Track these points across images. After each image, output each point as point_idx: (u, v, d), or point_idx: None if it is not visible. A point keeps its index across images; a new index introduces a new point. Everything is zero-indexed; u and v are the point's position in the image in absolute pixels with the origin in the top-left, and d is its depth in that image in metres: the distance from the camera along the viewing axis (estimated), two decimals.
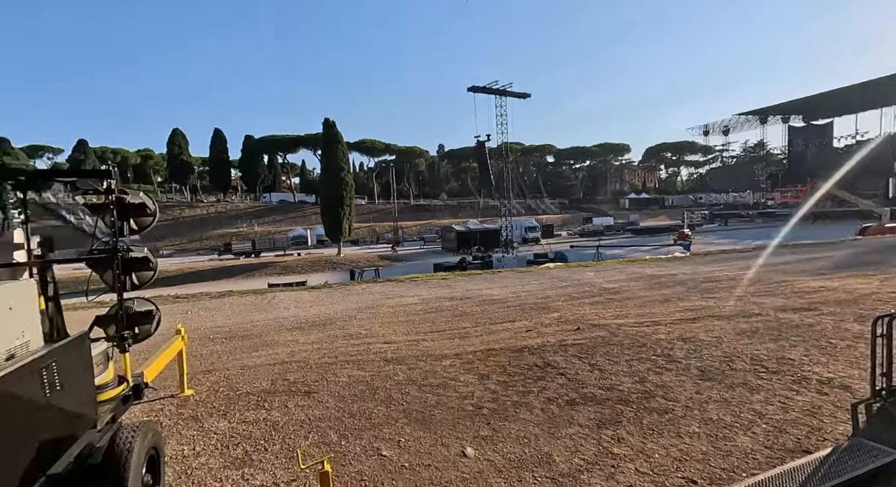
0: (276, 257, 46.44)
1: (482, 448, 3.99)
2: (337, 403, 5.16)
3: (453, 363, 6.47)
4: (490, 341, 7.58)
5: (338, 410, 4.96)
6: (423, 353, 7.02)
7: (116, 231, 3.98)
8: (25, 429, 2.29)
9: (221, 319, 10.63)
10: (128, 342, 4.12)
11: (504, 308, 10.43)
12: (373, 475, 3.63)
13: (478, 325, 8.79)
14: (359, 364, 6.61)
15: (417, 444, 4.12)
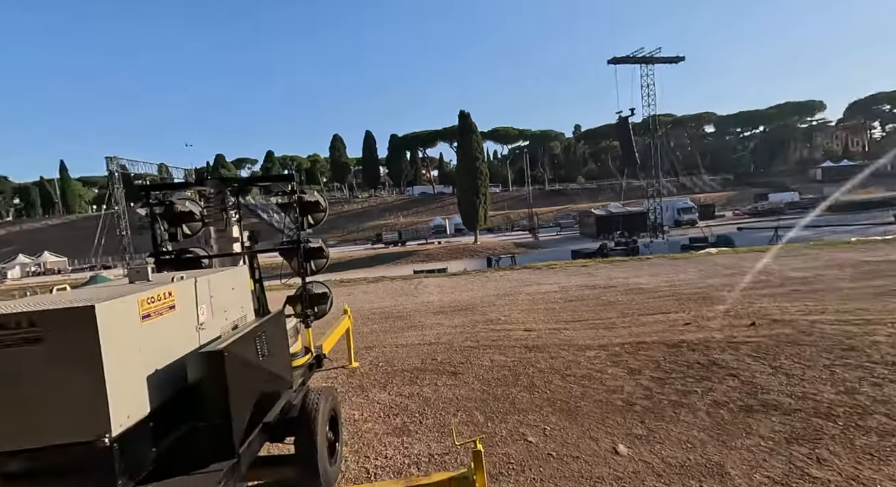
0: (419, 246, 50.19)
1: (636, 447, 3.71)
2: (481, 385, 5.35)
3: (598, 354, 6.14)
4: (640, 333, 6.97)
5: (482, 392, 5.15)
6: (565, 342, 6.82)
7: (299, 225, 4.75)
8: (251, 384, 2.90)
9: (377, 301, 11.93)
10: (310, 318, 4.92)
11: (655, 298, 9.47)
12: (520, 459, 3.68)
13: (624, 316, 8.16)
14: (500, 349, 6.74)
15: (564, 434, 4.03)
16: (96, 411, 2.12)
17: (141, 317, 2.46)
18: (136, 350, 2.36)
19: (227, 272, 3.59)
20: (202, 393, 2.65)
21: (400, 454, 3.92)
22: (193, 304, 3.00)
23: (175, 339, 2.75)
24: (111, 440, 2.14)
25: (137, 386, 2.36)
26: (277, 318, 3.65)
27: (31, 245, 59.53)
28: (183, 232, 4.81)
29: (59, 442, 2.11)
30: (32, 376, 2.08)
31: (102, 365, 2.13)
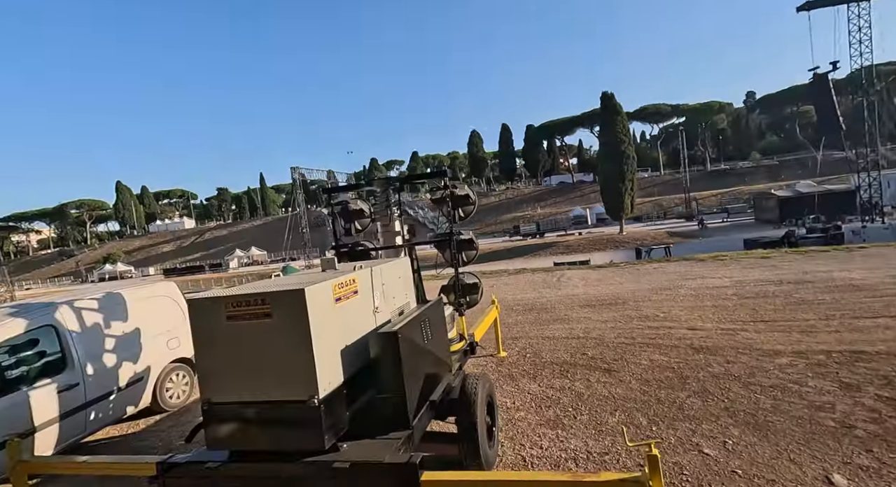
0: (558, 237, 48.62)
1: (860, 481, 2.98)
2: (641, 386, 4.94)
3: (793, 362, 5.10)
4: (855, 340, 5.57)
5: (642, 393, 4.74)
6: (744, 346, 5.84)
7: (451, 218, 5.02)
8: (420, 364, 3.18)
9: (520, 293, 11.95)
10: (463, 307, 5.17)
11: (875, 297, 7.46)
12: (695, 472, 3.28)
13: (828, 318, 6.62)
14: (660, 348, 6.11)
15: (751, 451, 3.46)
16: (308, 375, 2.57)
17: (334, 300, 2.88)
18: (332, 327, 2.78)
19: (394, 262, 3.98)
20: (381, 369, 3.01)
21: (556, 446, 3.86)
22: (370, 290, 3.40)
23: (358, 320, 3.16)
24: (319, 401, 2.56)
25: (334, 358, 2.78)
26: (438, 305, 3.92)
27: (243, 241, 75.42)
28: (355, 227, 5.51)
29: (283, 398, 2.62)
30: (267, 343, 2.61)
31: (311, 336, 2.56)
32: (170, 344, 5.82)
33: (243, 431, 2.70)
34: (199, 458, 2.84)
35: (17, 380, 4.19)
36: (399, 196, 5.09)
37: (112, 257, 74.31)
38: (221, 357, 2.71)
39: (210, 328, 2.71)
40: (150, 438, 5.07)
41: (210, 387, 2.74)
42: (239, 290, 2.82)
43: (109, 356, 5.00)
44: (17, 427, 3.92)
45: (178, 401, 5.89)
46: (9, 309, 4.66)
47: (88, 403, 4.61)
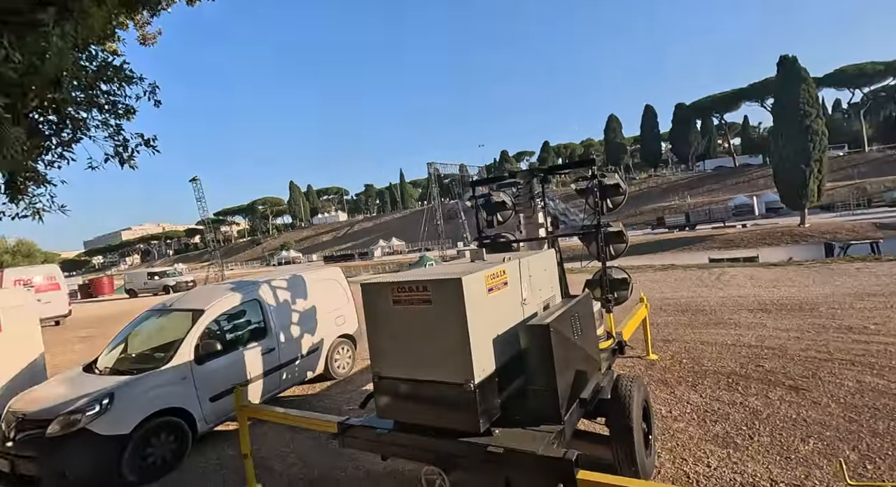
0: (713, 230, 42.31)
1: None
2: (845, 412, 4.02)
3: None
4: None
5: (848, 420, 3.86)
6: None
7: (599, 209, 4.73)
8: (570, 359, 3.10)
9: (669, 291, 10.77)
10: (610, 304, 4.86)
11: None
12: None
13: None
14: (872, 368, 4.89)
15: None
16: (464, 360, 2.70)
17: (487, 290, 2.96)
18: (485, 316, 2.86)
19: (539, 254, 3.92)
20: (531, 361, 3.01)
21: (727, 468, 3.39)
22: (519, 282, 3.41)
23: (508, 311, 3.19)
24: (474, 386, 2.68)
25: (487, 346, 2.87)
26: (587, 300, 3.75)
27: (385, 233, 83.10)
28: (497, 219, 5.59)
29: (442, 379, 2.80)
30: (427, 327, 2.82)
31: (467, 323, 2.68)
32: (337, 321, 6.72)
33: (407, 405, 2.98)
34: (369, 423, 3.22)
35: (236, 341, 5.30)
36: (543, 187, 4.99)
37: (286, 245, 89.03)
38: (388, 336, 3.02)
39: (378, 310, 3.03)
40: (325, 400, 5.95)
41: (379, 362, 3.07)
42: (403, 277, 3.09)
43: (295, 328, 5.99)
44: (238, 379, 4.97)
45: (344, 371, 6.79)
46: (229, 285, 5.91)
47: (281, 365, 5.61)
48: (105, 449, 3.94)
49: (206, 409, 4.70)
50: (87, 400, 4.04)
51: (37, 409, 4.07)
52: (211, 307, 5.14)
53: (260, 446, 4.64)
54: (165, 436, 4.37)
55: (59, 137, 3.73)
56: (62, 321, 17.43)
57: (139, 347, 5.26)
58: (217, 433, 5.08)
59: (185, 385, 4.57)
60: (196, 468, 4.43)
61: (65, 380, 4.75)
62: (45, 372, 5.83)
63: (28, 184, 3.76)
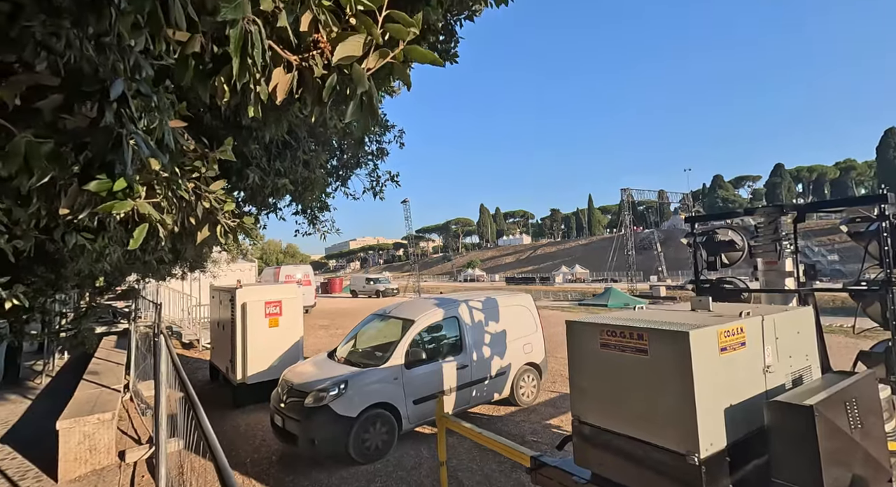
0: None
1: None
2: None
3: None
4: None
5: None
6: None
7: (889, 260, 3.56)
8: (840, 457, 2.37)
9: None
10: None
11: None
12: None
13: None
14: None
15: None
16: (687, 427, 2.34)
17: (720, 349, 2.53)
18: (715, 379, 2.44)
19: (791, 312, 3.18)
20: (780, 447, 2.41)
21: None
22: (761, 344, 2.81)
23: (745, 377, 2.66)
24: (699, 460, 2.29)
25: (717, 415, 2.43)
26: (870, 382, 2.82)
27: (569, 259, 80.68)
28: (721, 260, 4.79)
29: (657, 443, 2.49)
30: (641, 379, 2.56)
31: (693, 384, 2.33)
32: (525, 348, 6.77)
33: (610, 459, 2.75)
34: (565, 467, 3.09)
35: (436, 352, 5.86)
36: (795, 227, 4.04)
37: (472, 263, 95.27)
38: (592, 379, 2.86)
39: (584, 350, 2.91)
40: (508, 425, 6.02)
41: (580, 406, 2.93)
42: (615, 320, 2.90)
43: (486, 348, 6.28)
44: (437, 388, 5.48)
45: (528, 399, 6.76)
46: (434, 300, 6.62)
47: (473, 382, 5.93)
48: (340, 427, 4.82)
49: (409, 409, 5.30)
50: (330, 383, 5.04)
51: (300, 382, 5.28)
52: (420, 318, 5.83)
53: (451, 456, 4.96)
54: (380, 426, 5.10)
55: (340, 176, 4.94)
56: (310, 310, 22.47)
57: (365, 344, 6.32)
58: (415, 434, 5.66)
59: (396, 385, 5.26)
60: (399, 462, 5.01)
61: (316, 362, 6.04)
62: (302, 352, 7.54)
63: (319, 212, 5.08)
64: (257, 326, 6.94)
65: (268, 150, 2.72)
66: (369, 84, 0.89)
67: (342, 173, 4.93)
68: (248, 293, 7.08)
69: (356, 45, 0.86)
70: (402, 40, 0.89)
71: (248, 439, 5.78)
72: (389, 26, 0.89)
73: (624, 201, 51.51)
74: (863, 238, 3.73)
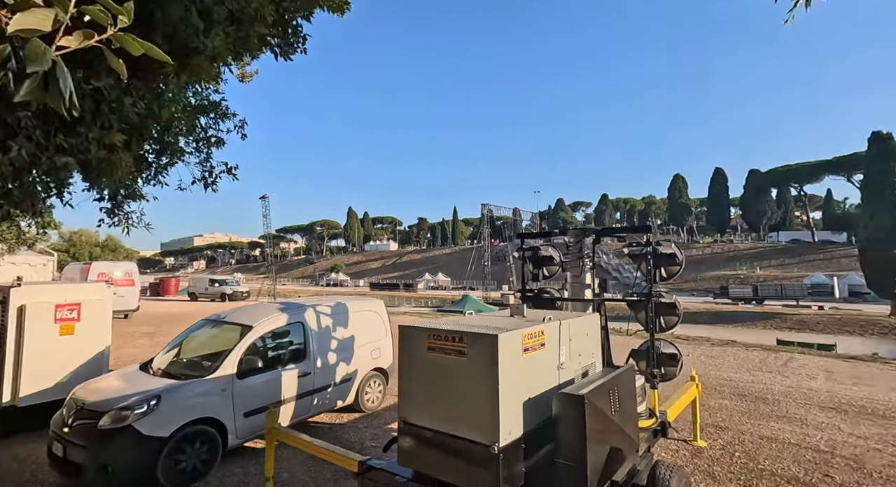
0: (784, 307, 38.69)
1: None
2: None
3: None
4: None
5: None
6: None
7: (651, 277, 4.57)
8: (604, 435, 2.93)
9: (727, 371, 9.90)
10: (656, 379, 4.58)
11: None
12: None
13: None
14: None
15: None
16: (491, 420, 2.65)
17: (523, 350, 2.92)
18: (517, 377, 2.81)
19: (583, 318, 3.82)
20: (562, 432, 2.88)
21: None
22: (557, 344, 3.33)
23: (542, 374, 3.11)
24: (499, 449, 2.60)
25: (516, 408, 2.80)
26: (629, 373, 3.57)
27: (432, 267, 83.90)
28: (543, 273, 5.54)
29: (466, 437, 2.75)
30: (459, 380, 2.81)
31: (498, 381, 2.65)
32: (373, 353, 6.81)
33: (429, 455, 2.93)
34: (390, 469, 3.19)
35: (276, 360, 5.51)
36: (594, 247, 4.92)
37: (336, 267, 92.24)
38: (419, 382, 3.03)
39: (413, 354, 3.07)
40: (350, 432, 5.95)
41: (407, 408, 3.07)
42: (441, 324, 3.13)
43: (332, 355, 6.13)
44: (273, 398, 5.13)
45: (373, 405, 6.79)
46: (279, 305, 6.23)
47: (315, 390, 5.72)
48: (145, 449, 4.16)
49: (239, 423, 4.87)
50: (137, 399, 4.34)
51: (95, 400, 4.42)
52: (259, 324, 5.42)
53: (282, 470, 4.69)
54: (199, 445, 4.55)
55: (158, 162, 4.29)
56: (130, 315, 18.94)
57: (190, 353, 5.61)
58: (244, 449, 5.20)
59: (224, 397, 4.78)
60: (221, 482, 4.54)
61: (123, 376, 5.13)
62: (107, 365, 6.33)
63: (125, 201, 4.33)
64: (41, 334, 5.58)
65: (45, 121, 2.24)
66: (56, 64, 0.81)
67: (161, 160, 4.32)
68: (31, 293, 5.67)
69: (42, 18, 0.78)
70: (110, 25, 0.85)
71: (13, 476, 4.61)
72: (87, 8, 0.83)
73: (484, 215, 55.76)
74: (637, 259, 4.73)
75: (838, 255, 56.31)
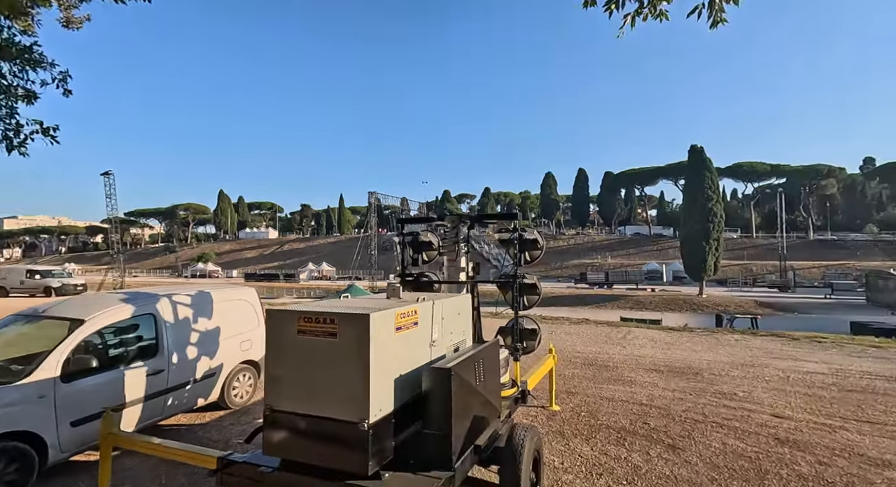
0: (627, 290, 45.93)
1: None
2: (709, 471, 4.43)
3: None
4: None
5: (710, 480, 4.25)
6: (843, 447, 5.05)
7: (517, 261, 5.02)
8: (470, 405, 3.16)
9: (580, 345, 11.39)
10: (518, 352, 5.07)
11: None
12: None
13: None
14: (736, 432, 5.47)
15: None
16: (362, 398, 2.67)
17: (395, 328, 2.99)
18: (389, 354, 2.88)
19: (455, 298, 4.05)
20: (430, 404, 3.03)
21: None
22: (430, 323, 3.47)
23: (415, 351, 3.23)
24: (368, 426, 2.64)
25: (388, 385, 2.86)
26: (494, 347, 3.90)
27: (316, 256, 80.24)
28: (423, 258, 5.70)
29: (336, 417, 2.73)
30: (329, 361, 2.76)
31: (370, 361, 2.67)
32: (242, 345, 6.30)
33: (296, 442, 2.84)
34: (253, 460, 3.01)
35: (118, 358, 4.76)
36: (468, 233, 5.21)
37: (205, 256, 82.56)
38: (288, 367, 2.91)
39: (282, 338, 2.93)
40: (213, 431, 5.44)
41: (273, 394, 2.93)
42: (312, 307, 3.04)
43: (192, 349, 5.52)
44: (113, 401, 4.42)
45: (242, 401, 6.30)
46: (122, 295, 5.37)
47: (169, 389, 5.09)
48: None
49: (63, 435, 4.10)
50: None
51: None
52: (94, 317, 4.62)
53: (124, 480, 4.11)
54: (4, 465, 3.74)
55: None
56: None
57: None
58: (73, 463, 4.42)
59: (43, 405, 3.99)
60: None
61: None
62: None
63: None
64: None
65: None
66: None
67: None
68: None
69: None
70: None
71: None
72: None
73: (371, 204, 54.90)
74: (505, 244, 5.15)
75: (667, 247, 68.24)
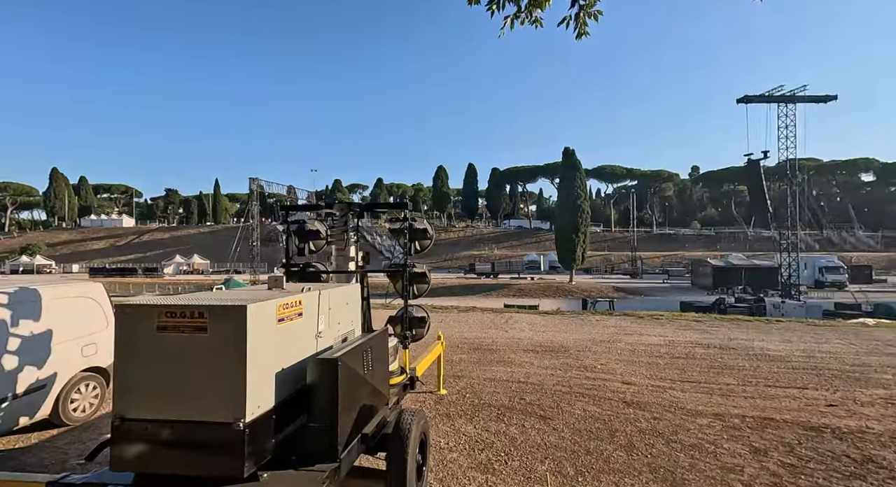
0: (511, 280, 49.61)
1: None
2: (572, 435, 5.04)
3: (711, 424, 5.41)
4: (766, 407, 6.01)
5: (573, 442, 4.84)
6: (671, 403, 6.14)
7: (407, 250, 5.07)
8: (356, 395, 3.12)
9: (467, 331, 11.99)
10: (408, 340, 5.14)
11: (787, 369, 8.12)
12: None
13: (746, 384, 7.12)
14: (594, 399, 6.30)
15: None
16: (236, 397, 2.46)
17: (277, 320, 2.81)
18: (270, 348, 2.70)
19: (343, 288, 3.95)
20: (315, 396, 2.92)
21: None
22: (316, 314, 3.34)
23: (299, 343, 3.08)
24: (244, 425, 2.44)
25: (268, 380, 2.68)
26: (382, 336, 3.89)
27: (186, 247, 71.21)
28: (310, 247, 5.43)
29: (204, 419, 2.47)
30: (197, 359, 2.48)
31: (246, 356, 2.47)
32: (84, 350, 5.34)
33: (155, 452, 2.51)
34: (97, 480, 2.59)
35: None
36: (358, 222, 5.11)
37: (31, 248, 67.71)
38: (144, 370, 2.55)
39: (137, 337, 2.55)
40: (42, 454, 4.52)
41: (125, 402, 2.54)
42: (175, 300, 2.70)
43: (9, 358, 4.50)
44: None
45: (83, 415, 5.34)
46: None
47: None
48: None
49: None
50: None
51: None
52: None
53: None
54: None
55: None
56: None
57: None
58: None
59: None
60: None
61: None
62: None
63: None
64: None
65: None
66: None
67: None
68: None
69: None
70: None
71: None
72: None
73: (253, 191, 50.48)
74: (396, 233, 5.17)
75: (544, 239, 75.08)
